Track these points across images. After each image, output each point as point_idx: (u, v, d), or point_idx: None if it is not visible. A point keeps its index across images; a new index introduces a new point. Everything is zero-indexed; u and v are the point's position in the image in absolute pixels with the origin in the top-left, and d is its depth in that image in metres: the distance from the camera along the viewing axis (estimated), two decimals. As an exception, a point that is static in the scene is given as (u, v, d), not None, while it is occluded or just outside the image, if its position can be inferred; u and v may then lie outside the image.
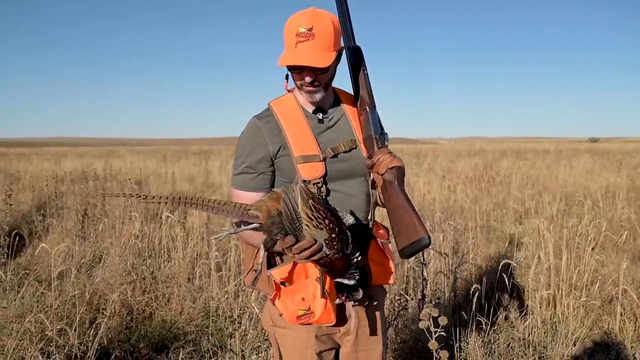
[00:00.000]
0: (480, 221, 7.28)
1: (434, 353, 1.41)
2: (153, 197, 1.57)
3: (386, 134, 1.74)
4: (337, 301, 1.65)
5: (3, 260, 4.70)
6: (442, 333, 1.44)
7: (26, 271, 4.58)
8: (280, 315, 1.71)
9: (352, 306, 1.78)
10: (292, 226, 1.49)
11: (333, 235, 1.48)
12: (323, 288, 1.59)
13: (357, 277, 1.60)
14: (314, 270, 1.61)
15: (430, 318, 1.42)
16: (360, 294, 1.70)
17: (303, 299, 1.63)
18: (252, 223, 1.57)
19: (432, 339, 1.39)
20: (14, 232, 5.21)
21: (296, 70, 1.69)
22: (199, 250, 5.14)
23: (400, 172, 1.66)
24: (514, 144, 47.65)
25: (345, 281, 1.59)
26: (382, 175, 1.66)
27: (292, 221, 1.48)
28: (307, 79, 1.68)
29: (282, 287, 1.66)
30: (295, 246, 1.50)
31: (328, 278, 1.60)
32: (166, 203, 1.54)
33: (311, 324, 1.66)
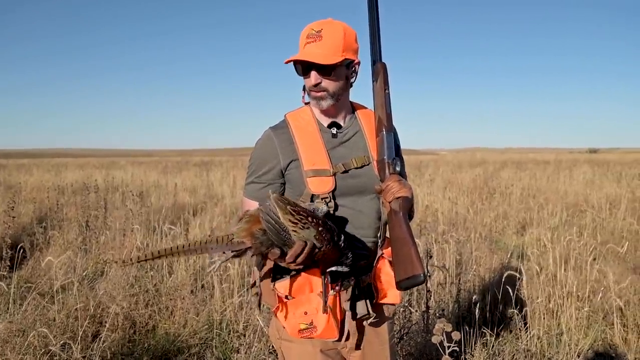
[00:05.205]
0: (482, 232, 7.28)
1: (446, 368, 1.41)
2: (136, 258, 1.47)
3: (398, 159, 1.70)
4: (332, 292, 1.62)
5: (5, 272, 4.64)
6: (455, 348, 1.43)
7: (28, 284, 4.56)
8: (284, 327, 1.69)
9: (359, 320, 1.77)
10: (280, 238, 1.47)
11: (320, 229, 1.48)
12: (325, 302, 1.59)
13: (350, 262, 1.59)
14: (317, 284, 1.61)
15: (444, 333, 1.41)
16: (352, 282, 1.69)
17: (306, 313, 1.63)
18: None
19: (445, 354, 1.38)
20: (18, 246, 5.16)
21: (306, 75, 1.70)
22: (202, 263, 5.12)
23: (406, 202, 1.64)
24: (515, 155, 47.79)
25: (340, 268, 1.58)
26: (389, 202, 1.65)
27: (278, 234, 1.47)
28: (312, 79, 1.67)
29: (285, 300, 1.65)
30: (288, 255, 1.48)
31: (330, 293, 1.60)
32: (146, 260, 1.48)
33: (313, 338, 1.65)
